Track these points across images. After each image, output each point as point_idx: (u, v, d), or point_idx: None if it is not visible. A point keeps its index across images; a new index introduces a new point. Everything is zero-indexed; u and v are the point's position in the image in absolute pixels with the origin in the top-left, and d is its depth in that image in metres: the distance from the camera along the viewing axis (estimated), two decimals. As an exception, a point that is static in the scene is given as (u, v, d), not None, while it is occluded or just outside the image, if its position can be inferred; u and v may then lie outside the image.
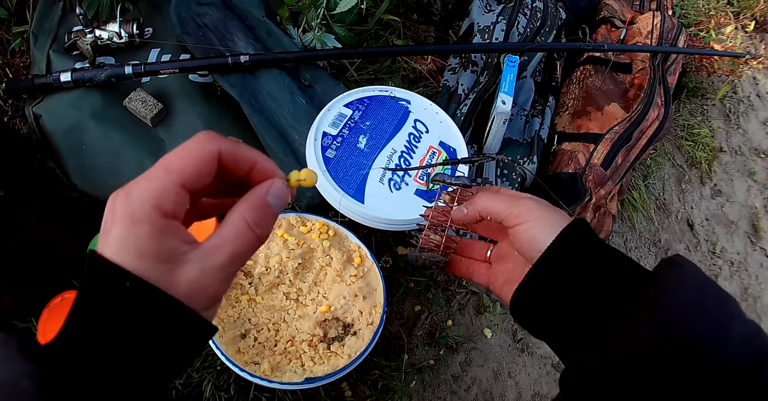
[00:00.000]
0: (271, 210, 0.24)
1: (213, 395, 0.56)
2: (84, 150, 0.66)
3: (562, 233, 0.30)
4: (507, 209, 0.32)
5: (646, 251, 1.09)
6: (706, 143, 1.24)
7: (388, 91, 0.70)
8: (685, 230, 1.16)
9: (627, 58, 1.03)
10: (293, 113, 0.65)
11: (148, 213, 0.21)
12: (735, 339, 0.26)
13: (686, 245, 1.14)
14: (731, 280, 1.13)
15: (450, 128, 0.70)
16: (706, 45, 1.26)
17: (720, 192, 1.22)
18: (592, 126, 0.89)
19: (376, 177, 0.62)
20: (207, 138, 0.24)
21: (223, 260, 0.23)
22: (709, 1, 1.36)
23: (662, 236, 1.12)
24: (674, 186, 1.19)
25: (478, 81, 0.78)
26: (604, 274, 0.29)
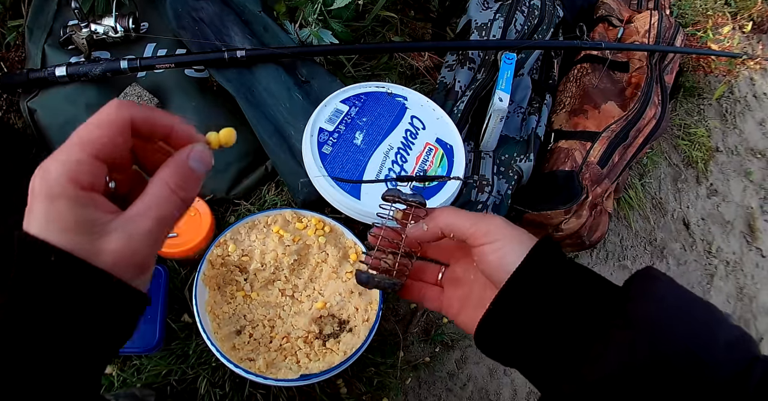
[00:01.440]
0: (194, 174, 0.25)
1: (208, 392, 0.56)
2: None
3: (530, 255, 0.28)
4: (473, 227, 0.30)
5: (642, 250, 1.10)
6: (703, 143, 1.25)
7: (385, 87, 0.70)
8: (681, 230, 1.16)
9: (624, 57, 1.04)
10: (289, 108, 0.65)
11: (65, 187, 0.21)
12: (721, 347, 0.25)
13: (682, 244, 1.14)
14: (727, 280, 1.13)
15: (447, 125, 0.70)
16: (704, 45, 1.27)
17: (716, 192, 1.23)
18: (589, 124, 0.89)
19: (373, 172, 0.62)
20: (117, 106, 0.24)
21: (149, 225, 0.22)
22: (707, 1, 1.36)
23: (658, 235, 1.12)
24: (670, 185, 1.20)
25: (476, 78, 0.78)
26: (576, 295, 0.28)
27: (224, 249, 0.59)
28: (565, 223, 0.79)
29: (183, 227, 0.63)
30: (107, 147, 0.23)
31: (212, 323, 0.56)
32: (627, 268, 1.05)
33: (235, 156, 0.67)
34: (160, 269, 0.60)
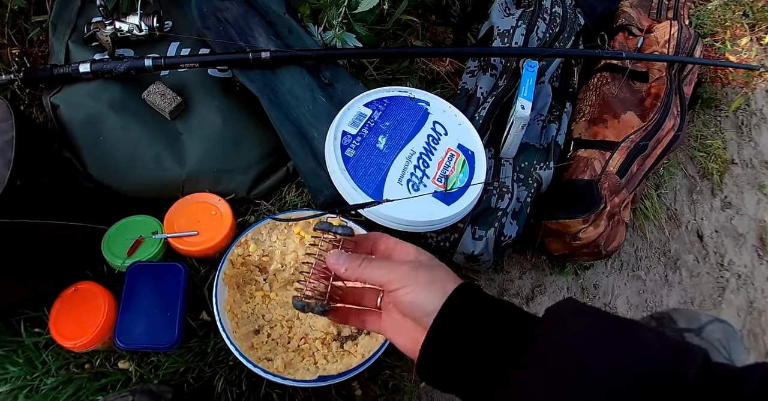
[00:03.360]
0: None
1: (225, 390, 0.57)
2: (102, 141, 0.67)
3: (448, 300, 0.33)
4: (386, 276, 0.35)
5: (656, 261, 1.10)
6: (719, 155, 1.25)
7: (408, 92, 0.71)
8: (694, 241, 1.16)
9: (644, 67, 1.04)
10: (312, 110, 0.66)
11: None
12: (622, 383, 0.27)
13: (695, 256, 1.15)
14: (738, 293, 1.14)
15: (469, 131, 0.71)
16: (721, 56, 1.28)
17: (730, 204, 1.23)
18: (608, 134, 0.90)
19: (395, 177, 0.63)
20: None
21: None
22: (725, 12, 1.37)
23: (672, 246, 1.13)
24: (686, 197, 1.20)
25: (497, 85, 0.79)
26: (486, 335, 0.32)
27: (245, 249, 0.60)
28: (583, 232, 0.80)
29: (204, 226, 0.64)
30: None
31: (231, 322, 0.57)
32: (641, 278, 1.05)
33: (257, 157, 0.68)
34: (180, 267, 0.61)
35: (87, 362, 0.60)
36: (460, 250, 0.68)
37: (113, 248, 0.64)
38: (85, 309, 0.59)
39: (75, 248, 0.64)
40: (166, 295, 0.59)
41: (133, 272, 0.61)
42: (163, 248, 0.64)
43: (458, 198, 0.65)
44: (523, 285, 0.83)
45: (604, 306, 0.96)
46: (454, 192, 0.65)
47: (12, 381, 0.60)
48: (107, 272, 0.64)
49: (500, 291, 0.80)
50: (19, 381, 0.60)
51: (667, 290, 1.07)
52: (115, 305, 0.60)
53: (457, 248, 0.68)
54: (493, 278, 0.79)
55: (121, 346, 0.57)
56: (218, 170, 0.66)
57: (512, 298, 0.81)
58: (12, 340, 0.61)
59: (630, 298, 1.01)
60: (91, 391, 0.58)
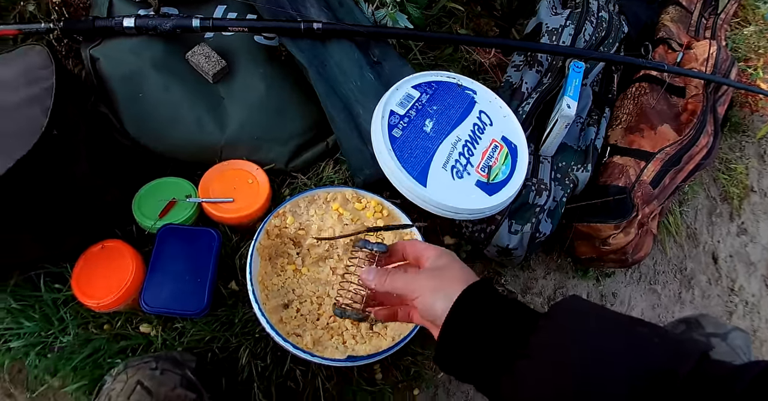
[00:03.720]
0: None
1: (249, 362, 0.56)
2: (141, 99, 0.65)
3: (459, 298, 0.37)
4: (404, 288, 0.40)
5: (672, 277, 1.10)
6: (741, 180, 1.26)
7: (456, 78, 0.70)
8: (709, 263, 1.16)
9: (681, 82, 1.04)
10: (360, 86, 0.65)
11: None
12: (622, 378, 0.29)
13: (708, 277, 1.15)
14: (744, 319, 1.14)
15: (513, 124, 0.70)
16: (753, 83, 1.28)
17: (746, 231, 1.24)
18: (644, 143, 0.89)
19: (440, 162, 0.62)
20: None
21: None
22: (760, 39, 1.37)
23: (688, 264, 1.13)
24: (705, 217, 1.20)
25: (542, 82, 0.78)
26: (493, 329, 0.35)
27: (282, 220, 0.59)
28: (613, 238, 0.79)
29: (240, 194, 0.62)
30: None
31: (261, 294, 0.56)
32: (656, 292, 1.05)
33: (298, 129, 0.67)
34: (213, 233, 0.60)
35: (107, 323, 0.59)
36: (495, 242, 0.67)
37: (144, 209, 0.62)
38: (111, 267, 0.57)
39: (105, 204, 0.62)
40: (197, 260, 0.58)
41: (164, 235, 0.60)
42: (196, 213, 0.63)
43: (500, 189, 0.64)
44: (546, 285, 0.83)
45: (620, 316, 0.96)
46: (496, 183, 0.64)
47: (26, 336, 0.58)
48: (136, 233, 0.63)
49: (524, 289, 0.79)
50: (33, 337, 0.58)
51: (680, 308, 1.07)
52: (143, 266, 0.58)
53: (491, 241, 0.67)
54: (518, 274, 0.78)
55: (147, 309, 0.56)
56: (258, 138, 0.65)
57: (534, 297, 0.81)
58: (30, 295, 0.59)
59: (645, 311, 1.01)
60: (109, 353, 0.56)
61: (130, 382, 0.47)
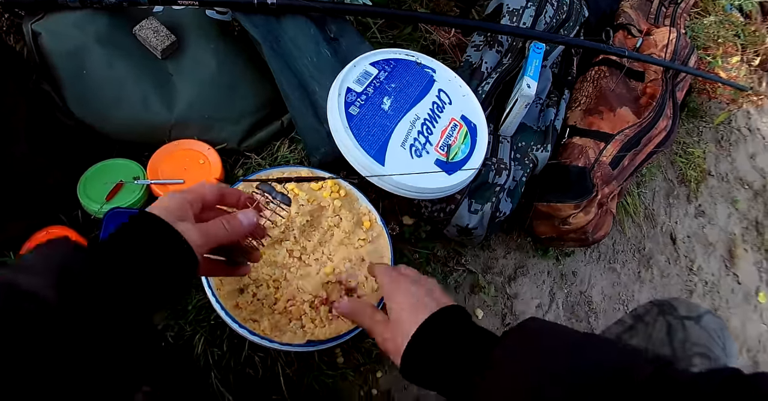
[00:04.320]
0: (238, 220, 0.40)
1: (205, 351, 0.52)
2: (85, 76, 0.61)
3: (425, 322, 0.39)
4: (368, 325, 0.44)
5: (631, 256, 1.11)
6: (698, 164, 1.27)
7: (415, 56, 0.67)
8: (667, 243, 1.18)
9: (641, 67, 1.04)
10: (316, 63, 0.62)
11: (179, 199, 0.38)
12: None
13: (667, 257, 1.16)
14: (704, 299, 1.16)
15: (472, 103, 0.68)
16: (711, 70, 1.29)
17: (703, 213, 1.25)
18: (603, 125, 0.89)
19: (399, 140, 0.59)
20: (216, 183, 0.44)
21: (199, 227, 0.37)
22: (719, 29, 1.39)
23: (647, 244, 1.14)
24: (663, 199, 1.21)
25: (502, 62, 0.76)
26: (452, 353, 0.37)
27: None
28: (573, 217, 0.78)
29: (190, 175, 0.59)
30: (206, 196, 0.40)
31: (215, 279, 0.52)
32: (616, 271, 1.06)
33: (251, 107, 0.63)
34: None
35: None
36: (455, 222, 0.65)
37: (90, 192, 0.58)
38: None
39: (48, 188, 0.57)
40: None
41: (111, 219, 0.55)
42: (144, 196, 0.59)
43: (459, 168, 0.62)
44: (506, 265, 0.82)
45: (581, 293, 0.96)
46: (456, 162, 0.62)
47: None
48: (82, 218, 0.58)
49: (484, 268, 0.78)
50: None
51: (639, 286, 1.08)
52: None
53: (451, 220, 0.65)
54: (478, 254, 0.77)
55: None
56: (209, 117, 0.61)
57: (495, 277, 0.80)
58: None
59: (605, 289, 1.01)
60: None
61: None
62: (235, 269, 0.44)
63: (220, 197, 0.41)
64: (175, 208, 0.36)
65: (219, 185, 0.42)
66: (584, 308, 0.98)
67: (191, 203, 0.38)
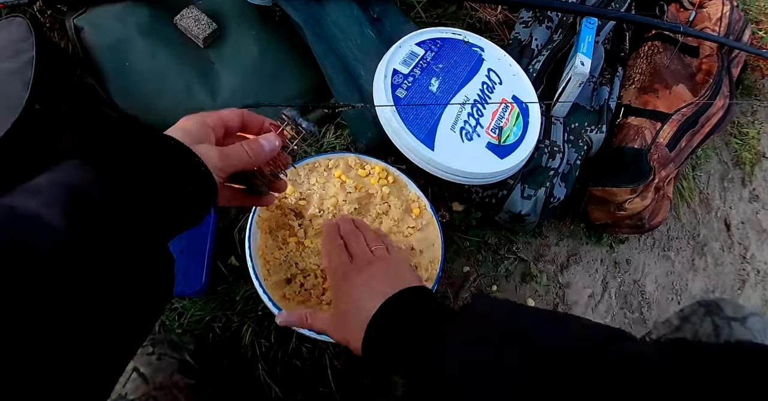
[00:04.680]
0: (260, 144, 0.37)
1: (252, 342, 0.50)
2: (128, 68, 0.59)
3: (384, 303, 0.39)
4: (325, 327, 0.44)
5: (685, 244, 1.03)
6: (753, 145, 1.17)
7: (462, 35, 0.63)
8: (722, 229, 1.09)
9: (695, 42, 0.96)
10: (360, 45, 0.58)
11: (199, 121, 0.35)
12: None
13: (721, 244, 1.08)
14: (755, 288, 1.08)
15: (523, 82, 0.63)
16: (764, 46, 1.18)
17: (757, 198, 1.16)
18: (659, 104, 0.82)
19: (448, 123, 0.55)
20: (238, 109, 0.39)
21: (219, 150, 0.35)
22: (771, 3, 1.27)
23: (701, 230, 1.06)
24: (717, 183, 1.13)
25: (552, 38, 0.71)
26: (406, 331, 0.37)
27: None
28: (629, 202, 0.72)
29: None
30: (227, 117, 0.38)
31: (262, 268, 0.50)
32: (670, 259, 0.99)
33: (295, 93, 0.60)
34: (209, 206, 0.54)
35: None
36: (507, 208, 0.61)
37: (135, 183, 0.56)
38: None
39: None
40: (193, 236, 0.52)
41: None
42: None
43: (512, 152, 0.57)
44: (559, 252, 0.77)
45: (634, 282, 0.90)
46: (508, 145, 0.58)
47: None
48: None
49: (536, 256, 0.73)
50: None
51: (692, 275, 1.01)
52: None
53: (503, 206, 0.61)
54: (530, 241, 0.72)
55: (141, 286, 0.50)
56: (252, 105, 0.58)
57: (547, 265, 0.75)
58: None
59: (658, 278, 0.95)
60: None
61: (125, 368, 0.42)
62: (257, 198, 0.41)
63: (242, 122, 0.38)
64: (195, 130, 0.34)
65: (241, 110, 0.38)
66: (637, 298, 0.92)
67: (213, 128, 0.35)
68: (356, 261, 0.44)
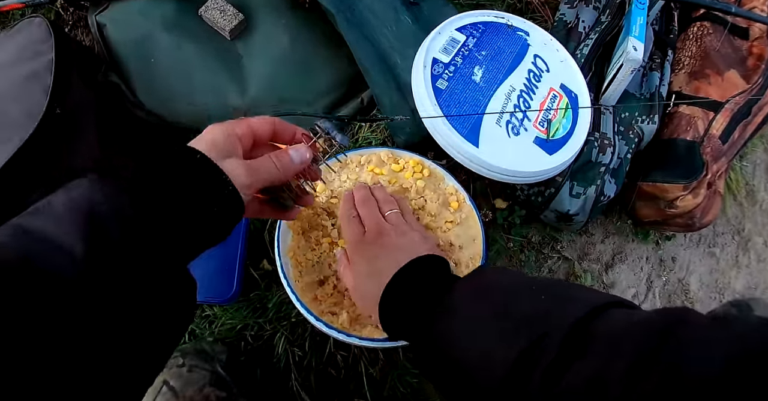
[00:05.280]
0: (289, 157, 0.35)
1: (286, 350, 0.46)
2: (153, 64, 0.54)
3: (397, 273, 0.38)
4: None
5: (730, 239, 0.95)
6: (800, 133, 1.07)
7: (505, 18, 0.56)
8: (766, 223, 1.00)
9: (744, 23, 0.86)
10: (396, 32, 0.52)
11: (226, 130, 0.33)
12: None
13: (765, 239, 0.99)
14: None
15: (572, 69, 0.57)
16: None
17: (804, 189, 1.05)
18: (711, 92, 0.74)
19: (493, 117, 0.49)
20: (270, 117, 0.36)
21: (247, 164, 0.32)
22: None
23: (746, 225, 0.97)
24: (764, 173, 1.03)
25: (600, 20, 0.63)
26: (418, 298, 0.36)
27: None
28: (681, 200, 0.65)
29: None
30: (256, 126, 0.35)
31: (293, 270, 0.46)
32: (715, 256, 0.91)
33: (328, 85, 0.55)
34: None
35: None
36: (554, 207, 0.55)
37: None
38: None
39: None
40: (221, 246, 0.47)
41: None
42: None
43: (561, 147, 0.51)
44: (604, 250, 0.70)
45: (679, 281, 0.84)
46: (557, 140, 0.51)
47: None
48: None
49: (581, 255, 0.67)
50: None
51: (736, 272, 0.93)
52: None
53: (550, 205, 0.55)
54: (575, 239, 0.66)
55: (171, 294, 0.46)
56: (281, 98, 0.53)
57: (592, 264, 0.69)
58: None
59: (702, 277, 0.87)
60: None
61: (155, 381, 0.38)
62: (283, 212, 0.39)
63: (273, 132, 0.35)
64: (221, 141, 0.31)
65: (272, 118, 0.36)
66: (681, 297, 0.85)
67: (241, 138, 0.33)
68: (368, 233, 0.42)
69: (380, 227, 0.42)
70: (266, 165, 0.32)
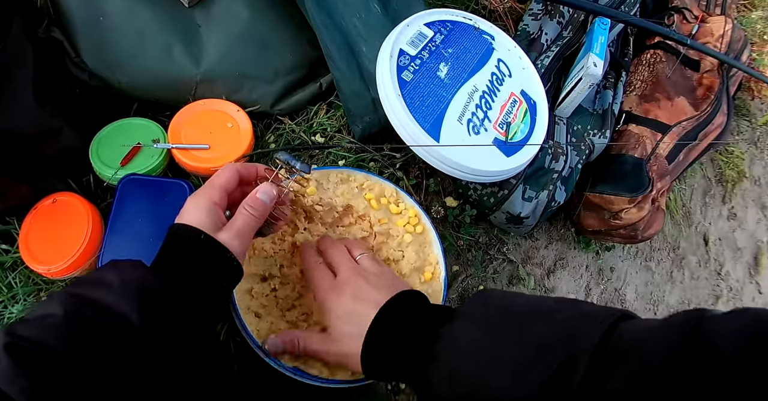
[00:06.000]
0: (260, 201, 0.38)
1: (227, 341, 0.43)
2: (102, 23, 0.51)
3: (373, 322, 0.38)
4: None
5: (666, 255, 1.01)
6: (737, 164, 1.16)
7: (473, 20, 0.57)
8: (700, 244, 1.08)
9: (696, 56, 0.92)
10: (365, 20, 0.51)
11: (207, 206, 0.37)
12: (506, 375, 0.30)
13: (698, 259, 1.07)
14: (727, 305, 1.09)
15: (532, 78, 0.58)
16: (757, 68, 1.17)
17: (735, 216, 1.15)
18: (660, 114, 0.78)
19: (455, 114, 0.49)
20: (232, 165, 0.40)
21: (235, 231, 0.36)
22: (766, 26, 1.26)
23: (681, 244, 1.04)
24: (700, 198, 1.11)
25: (562, 35, 0.66)
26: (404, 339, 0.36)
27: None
28: (625, 212, 0.68)
29: (217, 140, 0.49)
30: (228, 184, 0.38)
31: None
32: (650, 270, 0.97)
33: (288, 65, 0.53)
34: (185, 185, 0.47)
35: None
36: (505, 209, 0.55)
37: (104, 156, 0.49)
38: (64, 226, 0.44)
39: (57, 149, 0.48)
40: (165, 217, 0.45)
41: (126, 187, 0.46)
42: (164, 161, 0.49)
43: (518, 150, 0.52)
44: (547, 256, 0.72)
45: (615, 290, 0.88)
46: (515, 143, 0.52)
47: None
48: (94, 185, 0.49)
49: (525, 258, 0.69)
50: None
51: (670, 287, 1.00)
52: (101, 224, 0.46)
53: (502, 206, 0.55)
54: (520, 243, 0.68)
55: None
56: (239, 74, 0.51)
57: (535, 268, 0.71)
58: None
59: (638, 288, 0.92)
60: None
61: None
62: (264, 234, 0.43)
63: (239, 179, 0.39)
64: (207, 219, 0.35)
65: (234, 166, 0.39)
66: (617, 306, 0.89)
67: (219, 204, 0.37)
68: (341, 274, 0.42)
69: (354, 266, 0.42)
70: (247, 221, 0.36)
